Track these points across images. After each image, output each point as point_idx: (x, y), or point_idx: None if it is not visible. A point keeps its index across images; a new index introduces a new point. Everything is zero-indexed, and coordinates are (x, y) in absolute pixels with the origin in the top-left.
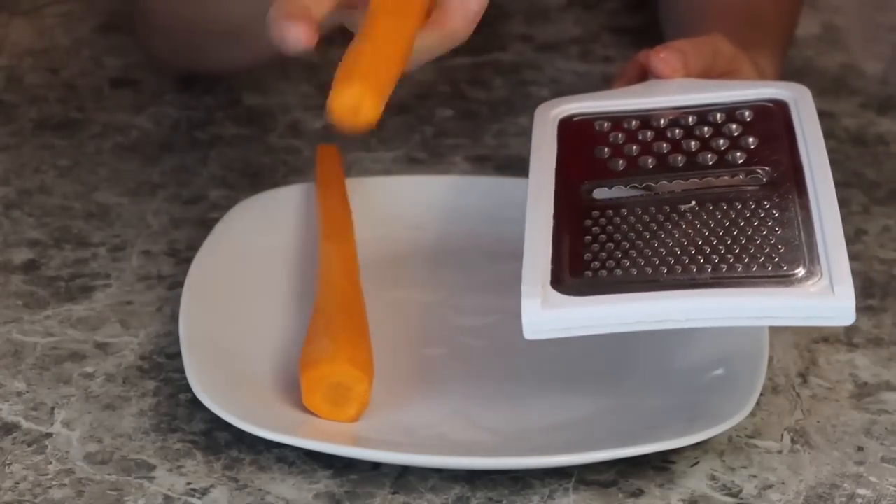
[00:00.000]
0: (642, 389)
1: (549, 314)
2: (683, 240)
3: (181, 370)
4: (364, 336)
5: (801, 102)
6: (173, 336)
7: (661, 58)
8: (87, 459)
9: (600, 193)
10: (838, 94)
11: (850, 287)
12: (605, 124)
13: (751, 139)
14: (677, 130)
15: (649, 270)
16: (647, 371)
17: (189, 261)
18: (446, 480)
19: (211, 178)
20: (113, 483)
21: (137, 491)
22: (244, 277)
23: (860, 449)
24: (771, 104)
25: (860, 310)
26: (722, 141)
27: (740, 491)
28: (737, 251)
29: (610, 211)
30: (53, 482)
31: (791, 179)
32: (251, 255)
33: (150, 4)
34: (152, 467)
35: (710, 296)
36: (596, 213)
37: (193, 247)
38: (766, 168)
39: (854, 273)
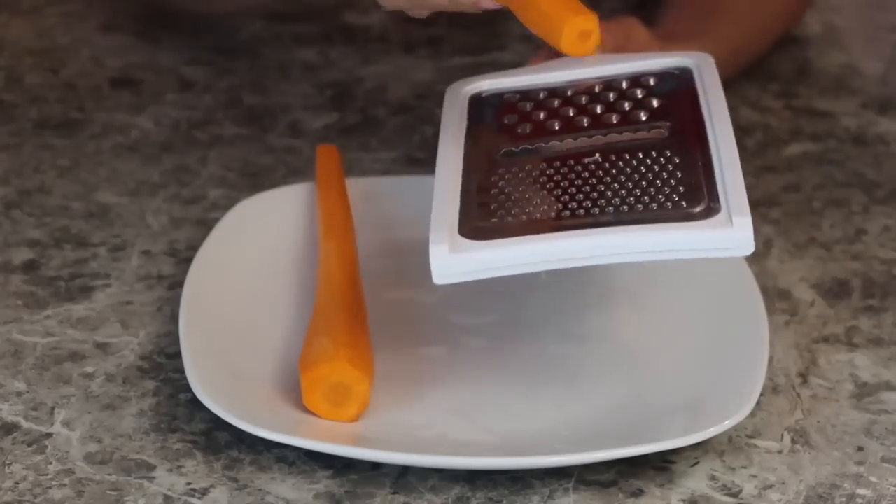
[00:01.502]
0: (642, 389)
1: (456, 258)
2: (587, 187)
3: (181, 370)
4: (364, 336)
5: (703, 68)
6: (173, 336)
7: None
8: (87, 459)
9: (506, 153)
10: (838, 94)
11: (747, 218)
12: (514, 96)
13: (654, 101)
14: (583, 98)
15: (553, 215)
16: (647, 371)
17: (189, 261)
18: (446, 480)
19: (211, 178)
20: (113, 483)
21: (137, 491)
22: (244, 277)
23: (860, 449)
24: (676, 70)
25: (861, 310)
26: (627, 104)
27: (740, 491)
28: (638, 193)
29: (515, 168)
30: (53, 482)
31: (692, 132)
32: (251, 255)
33: None
34: (152, 467)
35: (611, 233)
36: (502, 170)
37: (193, 247)
38: (668, 123)
39: (854, 273)
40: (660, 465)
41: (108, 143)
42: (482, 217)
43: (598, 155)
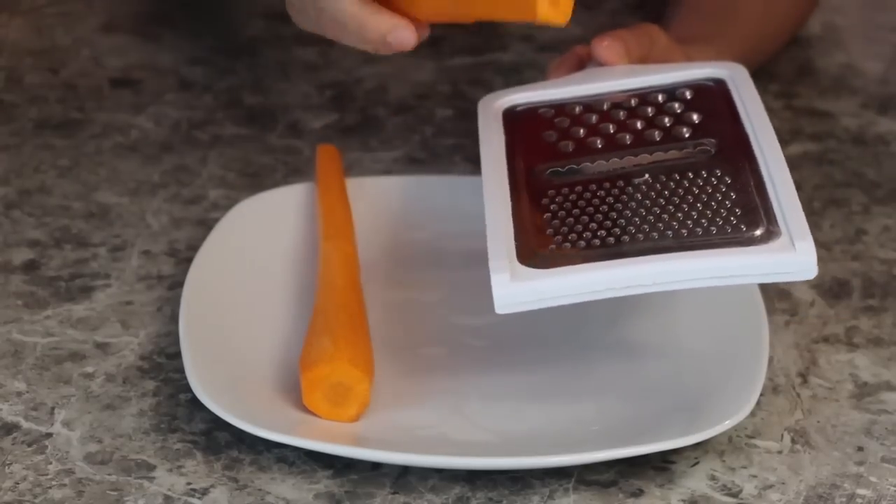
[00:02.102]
0: (642, 389)
1: (518, 287)
2: (642, 210)
3: (181, 370)
4: (364, 336)
5: (738, 79)
6: (173, 336)
7: (604, 45)
8: (87, 459)
9: (553, 174)
10: (838, 93)
11: (810, 242)
12: (550, 111)
13: (694, 115)
14: (621, 112)
15: (612, 241)
16: (647, 371)
17: (189, 261)
18: (446, 480)
19: (211, 178)
20: (113, 483)
21: (137, 491)
22: (244, 277)
23: (860, 449)
24: (710, 83)
25: (861, 310)
26: (667, 119)
27: (740, 491)
28: (695, 217)
29: (565, 188)
30: (53, 482)
31: (739, 148)
32: (251, 255)
33: None
34: (152, 467)
35: (675, 259)
36: (552, 192)
37: (193, 247)
38: (713, 140)
39: (854, 273)
40: (660, 465)
41: (108, 143)
42: (540, 242)
43: (647, 175)
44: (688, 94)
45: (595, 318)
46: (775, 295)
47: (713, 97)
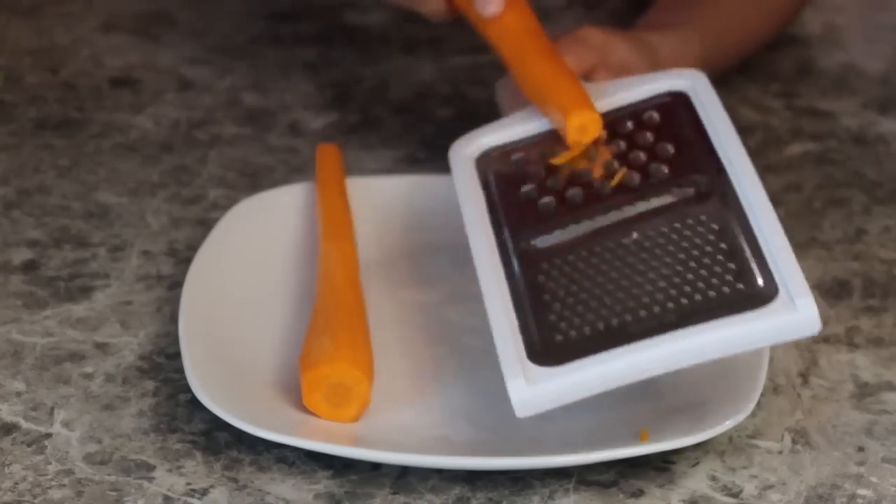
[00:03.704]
0: (642, 390)
1: (535, 390)
2: (637, 278)
3: (181, 370)
4: (364, 336)
5: (700, 90)
6: (173, 336)
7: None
8: (87, 460)
9: (540, 241)
10: (839, 93)
11: (809, 297)
12: (522, 156)
13: (668, 146)
14: (595, 151)
15: (615, 322)
16: None
17: (189, 261)
18: (446, 481)
19: (211, 178)
20: (112, 483)
21: (137, 491)
22: (244, 277)
23: (861, 449)
24: (670, 98)
25: (861, 310)
26: (641, 154)
27: (741, 491)
28: (690, 278)
29: (557, 259)
30: (53, 482)
31: (719, 185)
32: (251, 255)
33: None
34: (152, 467)
35: (683, 338)
36: (546, 266)
37: (193, 247)
38: (692, 177)
39: (855, 273)
40: (660, 465)
41: (107, 143)
42: (545, 333)
43: (636, 234)
44: (656, 117)
45: None
46: None
47: (680, 119)
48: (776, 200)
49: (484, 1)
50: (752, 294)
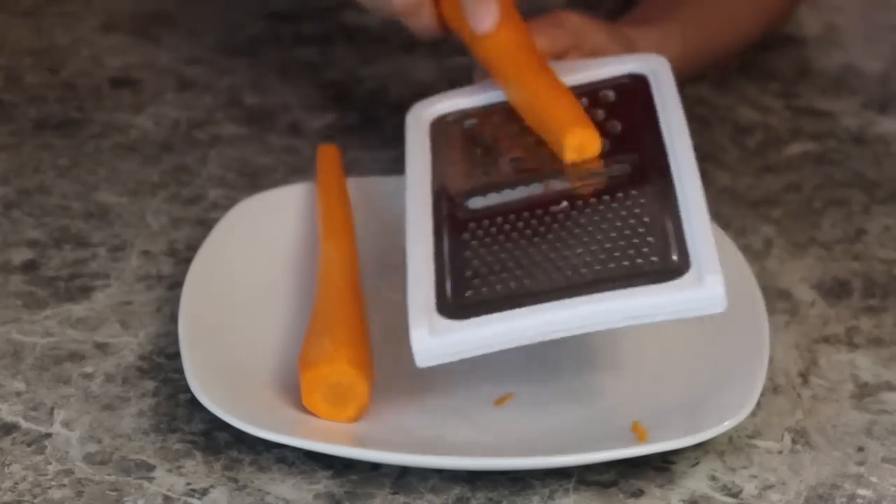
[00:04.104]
0: (642, 390)
1: (437, 341)
2: (558, 243)
3: (181, 370)
4: (363, 336)
5: (660, 76)
6: (173, 336)
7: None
8: (87, 460)
9: (475, 202)
10: (838, 93)
11: (718, 275)
12: (474, 123)
13: (617, 124)
14: None
15: (527, 282)
16: (648, 371)
17: (189, 261)
18: (446, 481)
19: (211, 178)
20: (112, 483)
21: (137, 491)
22: (244, 277)
23: (861, 449)
24: (629, 80)
25: (861, 310)
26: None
27: (741, 491)
28: (609, 247)
29: (486, 221)
30: (53, 482)
31: (656, 165)
32: (251, 256)
33: None
34: (152, 467)
35: (586, 303)
36: (473, 226)
37: (193, 247)
38: (634, 155)
39: (855, 273)
40: (660, 465)
41: (107, 143)
42: (458, 289)
43: (565, 202)
44: (611, 96)
45: None
46: (775, 295)
47: (634, 100)
48: (776, 200)
49: (478, 17)
50: (663, 268)
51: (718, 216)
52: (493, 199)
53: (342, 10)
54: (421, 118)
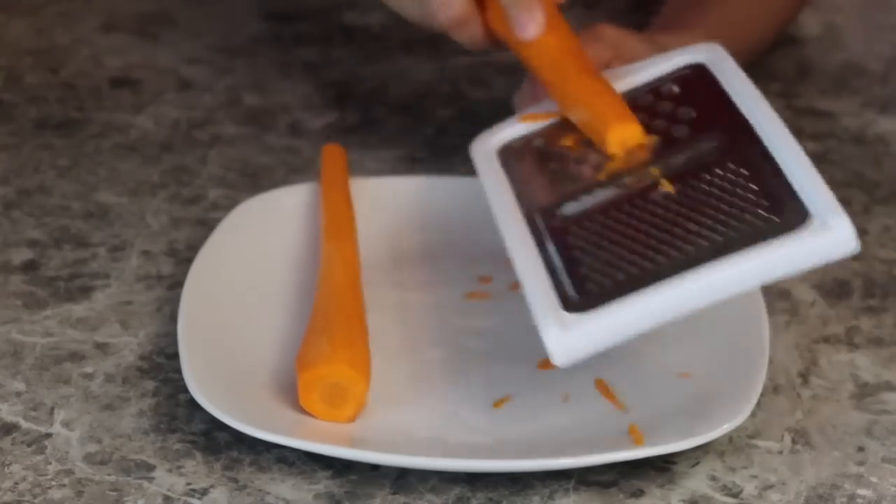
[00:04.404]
0: (642, 391)
1: (571, 337)
2: (667, 224)
3: (180, 370)
4: (362, 337)
5: (717, 59)
6: (173, 336)
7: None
8: (87, 460)
9: (569, 209)
10: (839, 93)
11: (844, 217)
12: (542, 141)
13: (689, 111)
14: None
15: (647, 264)
16: (647, 373)
17: (189, 261)
18: (446, 481)
19: (211, 178)
20: (112, 483)
21: (137, 491)
22: (244, 278)
23: (861, 449)
24: (689, 71)
25: (861, 310)
26: (662, 122)
27: (741, 491)
28: (722, 217)
29: (587, 222)
30: (53, 482)
31: (743, 135)
32: (251, 256)
33: None
34: (152, 467)
35: (716, 269)
36: (574, 228)
37: (193, 247)
38: (715, 133)
39: (855, 273)
40: (660, 465)
41: (107, 143)
42: (578, 287)
43: (661, 188)
44: (675, 89)
45: None
46: (775, 295)
47: (700, 86)
48: None
49: (523, 24)
50: (785, 223)
51: None
52: (587, 201)
53: (342, 10)
54: (486, 149)
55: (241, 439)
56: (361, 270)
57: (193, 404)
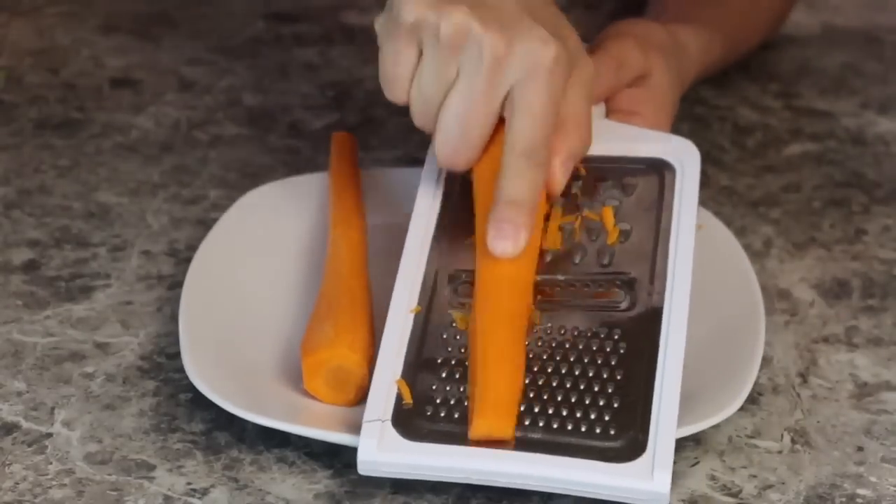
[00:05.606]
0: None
1: (382, 457)
2: (528, 374)
3: (181, 370)
4: (366, 321)
5: (687, 168)
6: (174, 336)
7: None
8: (87, 459)
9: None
10: (838, 93)
11: (668, 473)
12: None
13: (628, 227)
14: (560, 203)
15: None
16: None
17: (189, 261)
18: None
19: (211, 178)
20: (113, 483)
21: (137, 491)
22: (244, 276)
23: (860, 449)
24: (656, 170)
25: (861, 310)
26: (592, 234)
27: (740, 491)
28: (573, 400)
29: (466, 324)
30: (53, 482)
31: (649, 306)
32: (252, 253)
33: None
34: (152, 467)
35: (528, 462)
36: (455, 324)
37: (193, 247)
38: (631, 276)
39: (854, 273)
40: None
41: (108, 143)
42: (419, 401)
43: (550, 324)
44: (633, 185)
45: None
46: (775, 295)
47: (652, 201)
48: (775, 200)
49: (499, 239)
50: (619, 446)
51: (718, 216)
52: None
53: (342, 10)
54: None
55: (241, 439)
56: (368, 259)
57: (194, 404)
